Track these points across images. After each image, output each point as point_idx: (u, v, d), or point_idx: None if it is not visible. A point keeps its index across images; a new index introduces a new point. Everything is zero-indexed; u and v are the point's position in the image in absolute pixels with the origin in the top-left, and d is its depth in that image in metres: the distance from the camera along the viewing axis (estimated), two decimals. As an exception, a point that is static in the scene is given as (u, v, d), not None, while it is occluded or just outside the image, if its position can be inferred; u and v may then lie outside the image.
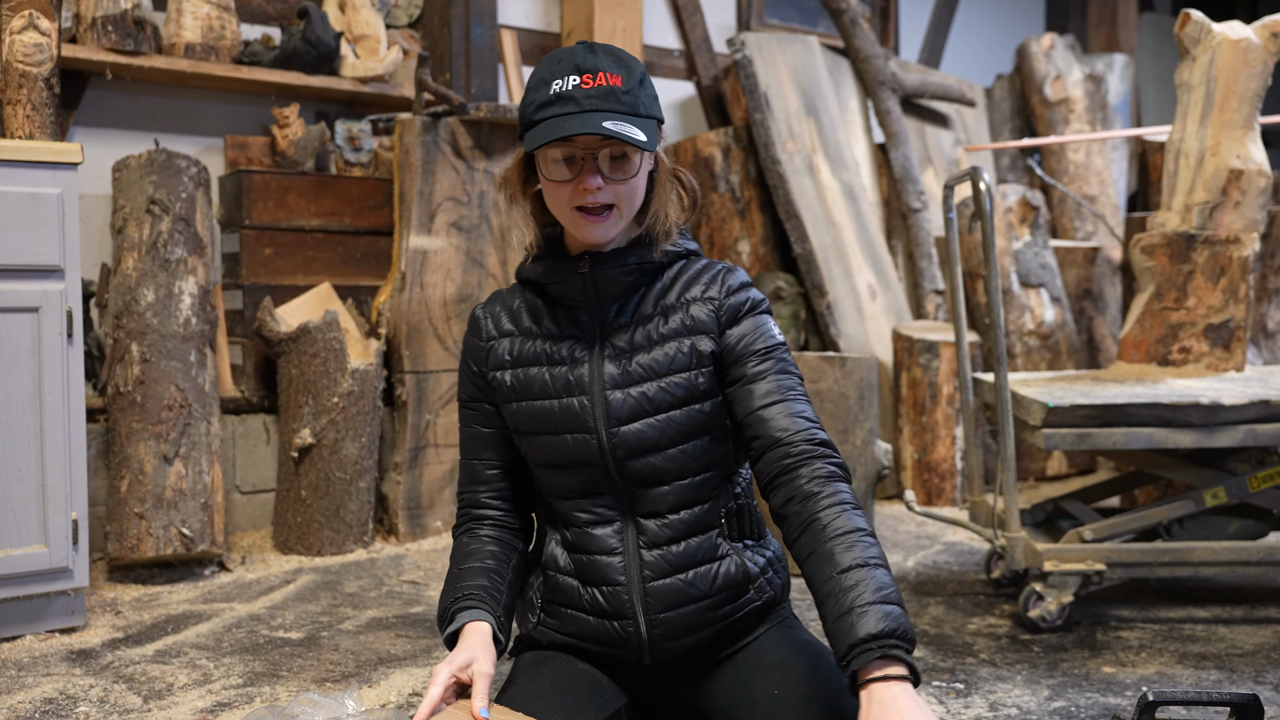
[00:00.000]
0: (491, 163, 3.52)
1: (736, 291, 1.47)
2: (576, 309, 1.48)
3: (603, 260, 1.46)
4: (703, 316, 1.45)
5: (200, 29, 3.34)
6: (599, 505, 1.46)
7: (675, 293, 1.48)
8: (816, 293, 4.17)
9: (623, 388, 1.43)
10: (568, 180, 1.40)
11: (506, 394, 1.49)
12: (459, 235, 3.47)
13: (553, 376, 1.46)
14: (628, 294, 1.48)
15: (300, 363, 3.17)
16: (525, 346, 1.49)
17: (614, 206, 1.42)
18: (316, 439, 3.15)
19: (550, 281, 1.48)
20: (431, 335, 3.41)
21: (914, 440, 3.93)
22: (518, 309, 1.53)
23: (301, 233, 3.41)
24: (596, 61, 1.39)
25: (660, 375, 1.43)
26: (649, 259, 1.47)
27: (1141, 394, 2.48)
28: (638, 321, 1.46)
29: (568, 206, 1.41)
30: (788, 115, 4.36)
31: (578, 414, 1.44)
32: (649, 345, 1.45)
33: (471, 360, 1.54)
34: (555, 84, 1.38)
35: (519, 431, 1.50)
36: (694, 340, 1.44)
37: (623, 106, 1.37)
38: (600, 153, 1.38)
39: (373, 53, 3.68)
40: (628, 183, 1.41)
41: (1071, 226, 5.03)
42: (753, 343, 1.45)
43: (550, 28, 4.40)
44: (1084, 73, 5.26)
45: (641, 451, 1.43)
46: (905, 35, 5.77)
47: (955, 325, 2.69)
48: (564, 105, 1.37)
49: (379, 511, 3.41)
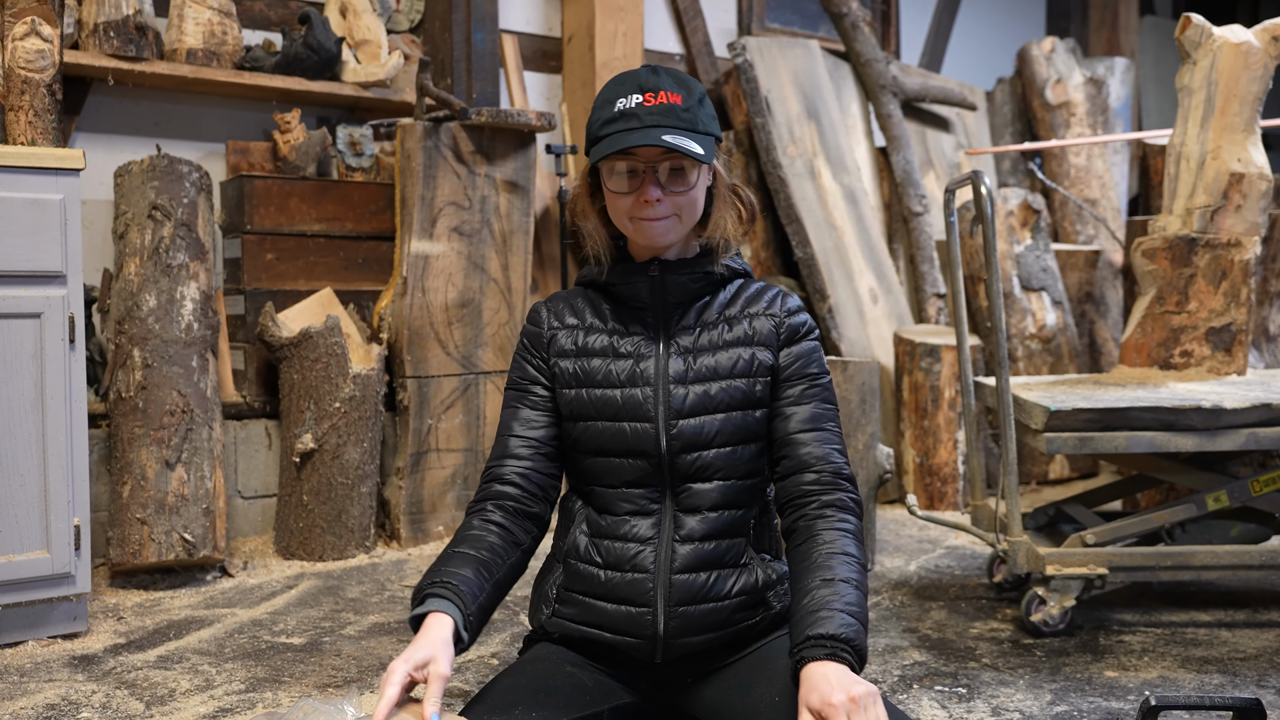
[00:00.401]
0: (493, 167, 3.52)
1: (796, 313, 1.58)
2: (642, 310, 1.56)
3: (671, 267, 1.55)
4: (765, 330, 1.55)
5: (202, 34, 3.35)
6: (643, 496, 1.52)
7: (739, 305, 1.57)
8: (818, 297, 4.17)
9: (685, 384, 1.51)
10: (629, 192, 1.49)
11: (568, 380, 1.55)
12: (460, 240, 3.47)
13: (618, 367, 1.53)
14: (692, 300, 1.56)
15: (302, 368, 3.17)
16: (589, 339, 1.56)
17: (674, 215, 1.50)
18: (318, 444, 3.15)
19: (620, 282, 1.56)
20: (433, 340, 3.42)
21: (916, 444, 3.93)
22: (581, 307, 1.60)
23: (303, 238, 3.42)
24: (658, 81, 1.49)
25: (722, 377, 1.52)
26: (714, 269, 1.57)
27: (1143, 398, 2.49)
28: (702, 326, 1.55)
29: (628, 216, 1.50)
30: (789, 119, 4.36)
31: (640, 404, 1.50)
32: (712, 349, 1.53)
33: (531, 346, 1.59)
34: (620, 102, 1.48)
35: (575, 418, 1.55)
36: (755, 350, 1.53)
37: (682, 123, 1.47)
38: (660, 165, 1.48)
39: (374, 58, 3.69)
40: (686, 195, 1.50)
41: (1073, 230, 5.04)
42: (806, 367, 1.55)
43: (551, 32, 4.41)
44: (1085, 76, 5.27)
45: (697, 446, 1.50)
46: (906, 39, 5.78)
47: (957, 329, 2.70)
48: (627, 121, 1.46)
49: (381, 516, 3.41)
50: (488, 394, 3.54)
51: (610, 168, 1.50)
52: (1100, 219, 4.81)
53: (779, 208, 4.26)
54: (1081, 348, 4.51)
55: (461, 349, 3.49)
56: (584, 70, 4.31)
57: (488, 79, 3.93)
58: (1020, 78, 5.36)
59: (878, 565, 3.13)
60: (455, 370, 3.47)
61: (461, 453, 3.48)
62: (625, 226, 1.53)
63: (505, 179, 3.56)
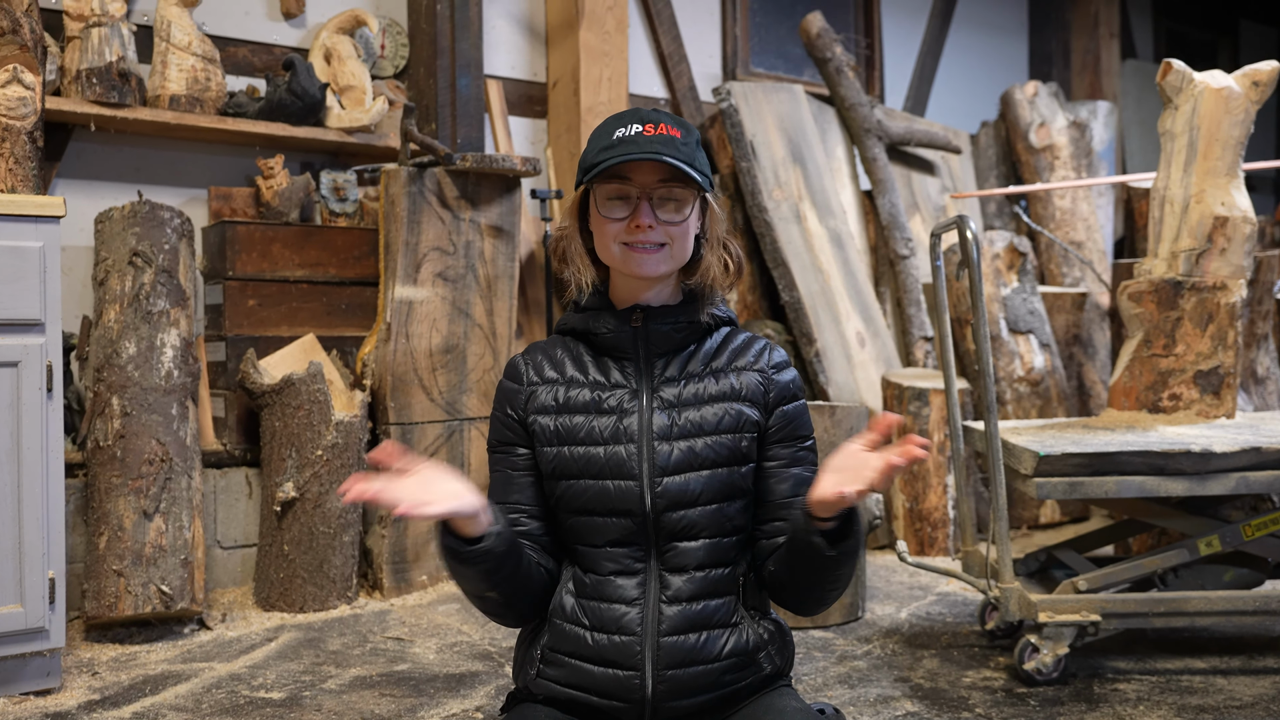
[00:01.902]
0: (477, 213, 3.53)
1: (783, 369, 1.56)
2: (624, 360, 1.53)
3: (655, 314, 1.53)
4: (752, 385, 1.52)
5: (185, 80, 3.36)
6: (627, 555, 1.49)
7: (725, 357, 1.55)
8: (805, 340, 4.18)
9: (670, 440, 1.48)
10: (621, 218, 1.48)
11: (549, 438, 1.52)
12: (445, 285, 3.48)
13: (600, 424, 1.50)
14: (676, 350, 1.54)
15: (284, 415, 3.16)
16: (570, 394, 1.53)
17: (665, 245, 1.49)
18: (300, 492, 3.13)
19: (601, 331, 1.53)
20: (417, 386, 3.41)
21: (905, 489, 3.92)
22: (560, 358, 1.56)
23: (286, 283, 3.41)
24: (658, 116, 1.50)
25: (708, 433, 1.49)
26: (698, 318, 1.54)
27: (1132, 442, 2.49)
28: (686, 378, 1.52)
29: (618, 242, 1.48)
30: (774, 163, 4.40)
31: (624, 462, 1.47)
32: (697, 403, 1.50)
33: (508, 405, 1.56)
34: (619, 130, 1.48)
35: (557, 477, 1.52)
36: (741, 406, 1.51)
37: (680, 154, 1.46)
38: (655, 194, 1.47)
39: (358, 103, 3.71)
40: (679, 225, 1.49)
41: (1059, 272, 5.07)
42: (796, 430, 1.54)
43: (536, 77, 4.44)
44: (1068, 119, 5.33)
45: (682, 504, 1.47)
46: (890, 82, 5.85)
47: (944, 373, 2.70)
48: (626, 146, 1.46)
49: (363, 566, 3.38)
50: (472, 440, 3.53)
51: (602, 193, 1.49)
52: (1086, 261, 4.85)
53: (765, 251, 4.28)
54: (1070, 390, 4.53)
55: (446, 395, 3.47)
56: (569, 115, 4.34)
57: (472, 124, 3.96)
58: (1004, 121, 5.42)
59: (868, 613, 3.11)
60: (439, 417, 3.46)
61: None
62: (613, 257, 1.50)
63: (490, 224, 3.57)
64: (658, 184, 1.47)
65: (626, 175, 1.47)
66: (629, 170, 1.48)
